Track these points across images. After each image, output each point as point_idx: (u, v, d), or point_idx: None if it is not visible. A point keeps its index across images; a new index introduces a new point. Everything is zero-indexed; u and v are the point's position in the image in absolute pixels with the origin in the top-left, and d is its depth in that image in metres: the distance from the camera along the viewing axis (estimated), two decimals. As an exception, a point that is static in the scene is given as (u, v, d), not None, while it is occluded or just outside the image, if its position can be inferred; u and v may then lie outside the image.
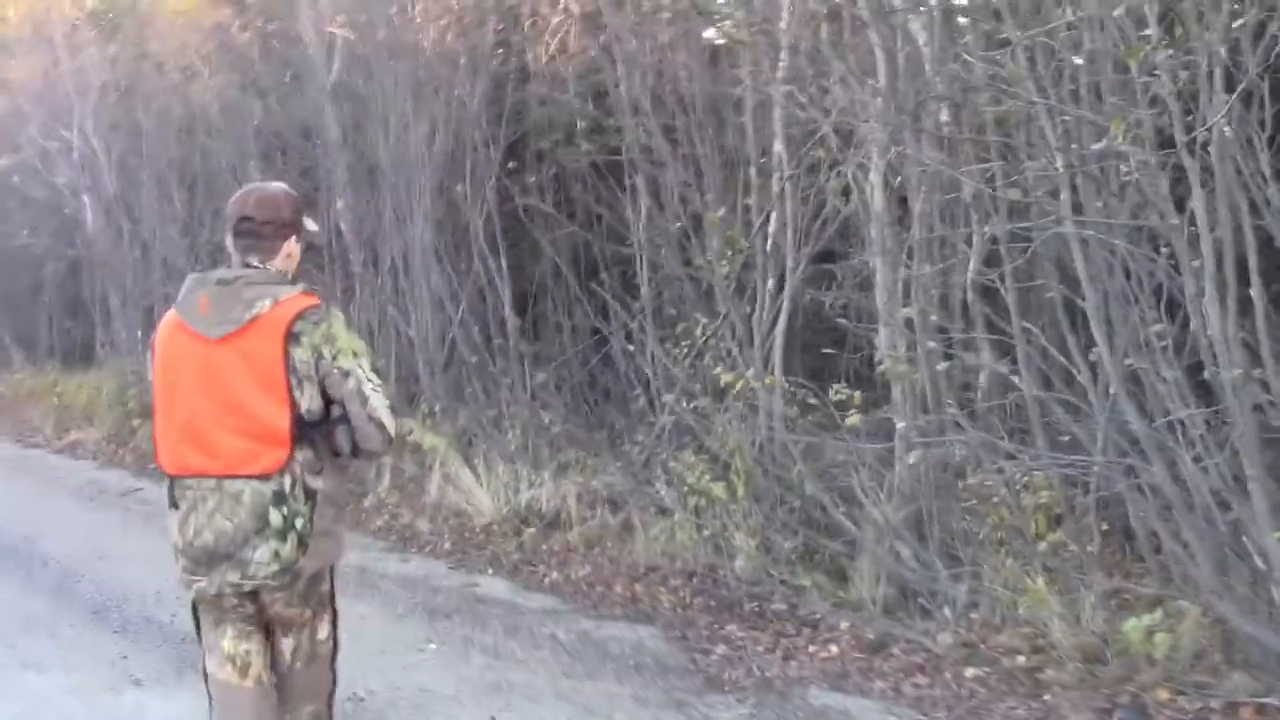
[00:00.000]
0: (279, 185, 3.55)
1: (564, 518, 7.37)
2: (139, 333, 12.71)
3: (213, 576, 3.30)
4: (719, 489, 6.19)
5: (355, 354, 3.27)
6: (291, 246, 3.40)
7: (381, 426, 3.26)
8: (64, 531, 8.10)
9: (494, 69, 9.35)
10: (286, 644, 3.47)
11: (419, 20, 9.43)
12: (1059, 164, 4.52)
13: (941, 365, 5.40)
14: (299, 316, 3.23)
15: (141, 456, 10.40)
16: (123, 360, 12.76)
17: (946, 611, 5.27)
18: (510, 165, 9.37)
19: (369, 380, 3.27)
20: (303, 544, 3.26)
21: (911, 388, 5.81)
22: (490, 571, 6.86)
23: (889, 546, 5.54)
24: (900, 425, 5.87)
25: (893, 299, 6.03)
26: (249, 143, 10.82)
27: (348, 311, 9.67)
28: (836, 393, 5.91)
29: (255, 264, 3.34)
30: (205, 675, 3.48)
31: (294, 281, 3.37)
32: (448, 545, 7.41)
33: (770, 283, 7.27)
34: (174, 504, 3.35)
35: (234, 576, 3.28)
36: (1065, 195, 4.48)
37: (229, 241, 3.39)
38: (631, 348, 7.66)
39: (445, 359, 9.27)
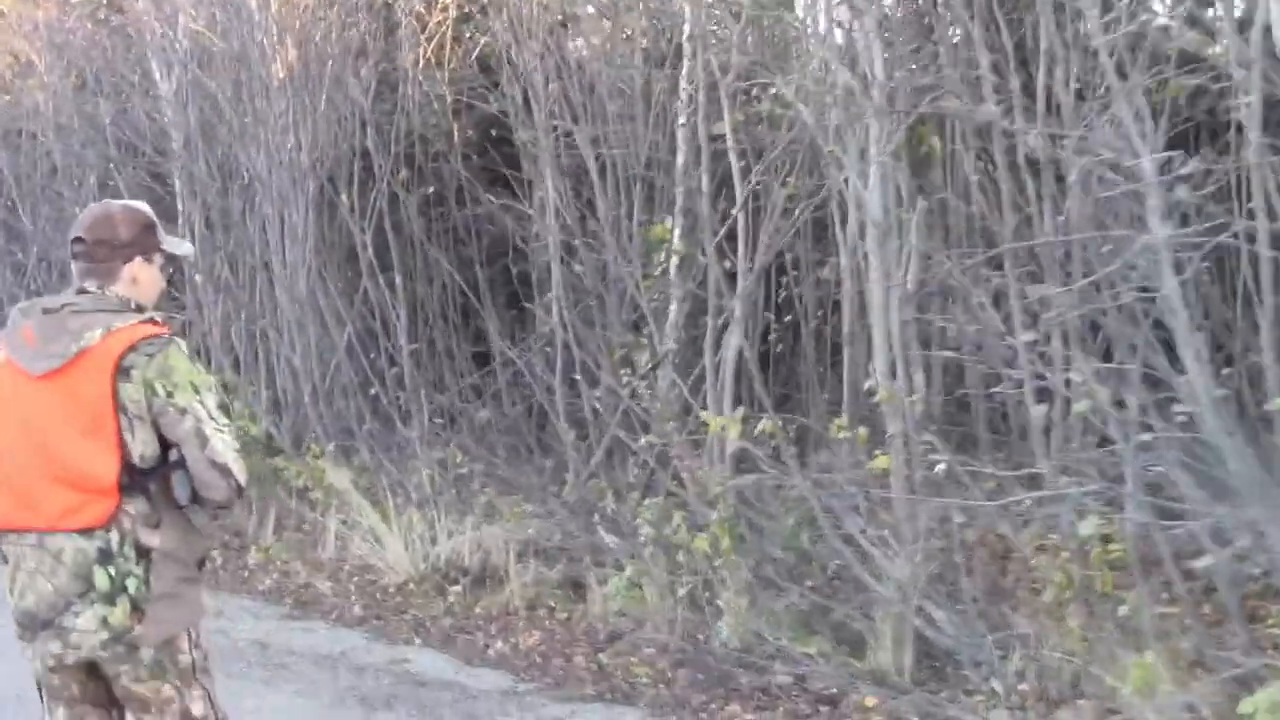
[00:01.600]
0: (123, 203, 3.21)
1: (493, 573, 6.42)
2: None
3: (36, 645, 2.92)
4: (701, 541, 5.33)
5: (196, 389, 2.87)
6: (137, 270, 3.00)
7: (226, 472, 2.84)
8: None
9: (372, 70, 8.36)
10: None
11: (284, 17, 8.38)
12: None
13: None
14: (131, 348, 2.84)
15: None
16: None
17: (995, 684, 4.54)
18: (401, 175, 8.40)
19: (211, 419, 2.87)
20: (137, 609, 2.85)
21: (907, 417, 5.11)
22: (418, 641, 5.84)
23: (916, 606, 4.77)
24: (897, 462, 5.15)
25: (887, 315, 5.33)
26: (94, 146, 9.52)
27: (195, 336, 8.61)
28: (838, 429, 5.14)
29: (91, 289, 2.95)
30: None
31: (140, 309, 2.97)
32: (358, 609, 6.35)
33: (725, 303, 6.49)
34: (3, 559, 2.99)
35: (55, 646, 2.88)
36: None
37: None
38: (578, 377, 6.75)
39: (331, 390, 8.22)
